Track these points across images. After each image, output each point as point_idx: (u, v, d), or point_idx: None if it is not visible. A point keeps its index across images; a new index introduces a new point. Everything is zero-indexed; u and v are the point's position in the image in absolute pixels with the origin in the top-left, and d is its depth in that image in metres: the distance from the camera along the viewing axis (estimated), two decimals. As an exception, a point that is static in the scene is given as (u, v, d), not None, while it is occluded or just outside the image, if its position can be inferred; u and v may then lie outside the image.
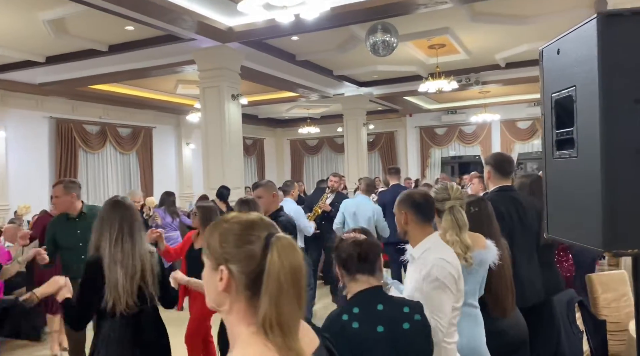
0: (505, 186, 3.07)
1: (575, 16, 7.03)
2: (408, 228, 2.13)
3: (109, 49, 7.66)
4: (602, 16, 1.13)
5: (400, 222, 2.14)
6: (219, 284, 1.02)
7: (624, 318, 3.14)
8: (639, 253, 1.15)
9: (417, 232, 2.10)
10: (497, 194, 3.01)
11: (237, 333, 1.01)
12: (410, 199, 2.12)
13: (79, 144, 10.91)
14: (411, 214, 2.09)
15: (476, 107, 13.75)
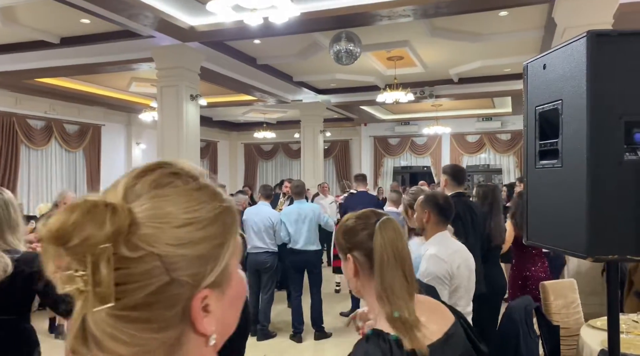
0: (460, 192, 3.50)
1: (526, 36, 7.42)
2: (427, 226, 2.37)
3: (60, 41, 7.33)
4: (591, 35, 1.21)
5: (422, 220, 2.37)
6: (350, 272, 1.27)
7: (572, 324, 3.32)
8: (619, 259, 1.23)
9: (433, 231, 2.34)
10: (454, 199, 3.10)
11: (374, 307, 1.21)
12: (434, 200, 2.37)
13: (21, 140, 10.33)
14: (434, 214, 2.34)
15: (428, 120, 14.16)
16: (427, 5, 5.65)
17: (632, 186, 1.18)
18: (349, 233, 1.32)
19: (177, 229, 0.55)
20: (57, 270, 0.52)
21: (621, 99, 1.21)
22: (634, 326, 2.70)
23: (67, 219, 0.51)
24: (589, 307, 3.84)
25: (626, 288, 3.63)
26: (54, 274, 0.52)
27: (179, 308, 0.55)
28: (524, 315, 2.70)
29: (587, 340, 2.66)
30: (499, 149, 14.46)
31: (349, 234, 1.32)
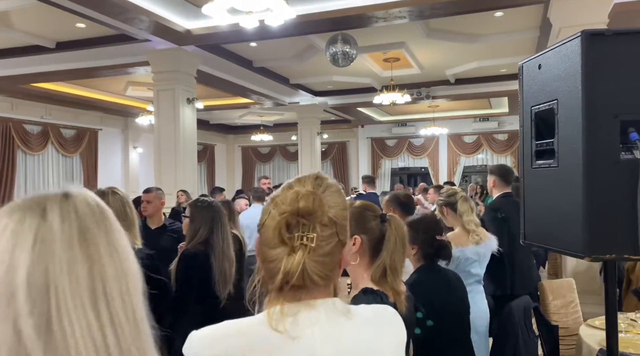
0: (508, 192, 3.67)
1: (521, 37, 7.44)
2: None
3: (56, 46, 7.32)
4: (586, 35, 1.21)
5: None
6: (353, 247, 1.55)
7: (571, 323, 3.31)
8: (616, 258, 1.23)
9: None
10: (502, 199, 3.63)
11: (360, 277, 1.61)
12: (393, 197, 2.87)
13: (18, 145, 10.30)
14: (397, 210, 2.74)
15: (425, 121, 14.17)
16: (423, 6, 5.66)
17: (628, 185, 1.18)
18: (362, 220, 1.66)
19: (341, 211, 0.97)
20: (285, 234, 0.90)
21: (616, 98, 1.21)
22: (632, 325, 2.70)
23: (303, 204, 0.91)
24: (587, 306, 3.84)
25: (624, 286, 3.64)
26: (281, 237, 0.91)
27: (339, 257, 0.96)
28: (523, 315, 2.70)
29: (586, 340, 2.65)
30: (496, 150, 14.48)
31: (361, 221, 1.65)
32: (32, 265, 0.55)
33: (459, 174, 14.90)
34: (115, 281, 0.59)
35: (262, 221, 0.95)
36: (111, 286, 0.58)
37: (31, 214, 0.60)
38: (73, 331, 0.54)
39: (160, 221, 3.75)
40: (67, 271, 0.56)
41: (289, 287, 0.90)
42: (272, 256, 0.92)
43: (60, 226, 0.58)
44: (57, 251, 0.57)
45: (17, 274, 0.55)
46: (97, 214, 0.63)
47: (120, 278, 0.60)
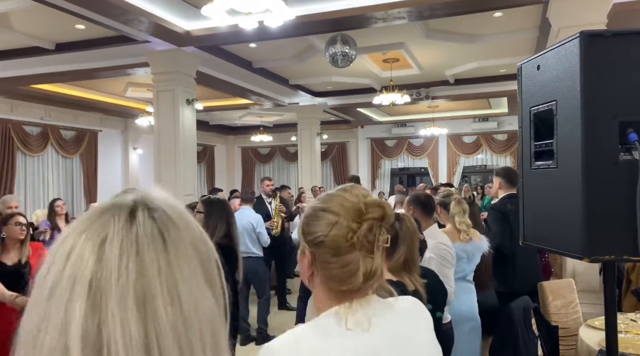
0: (512, 193, 3.79)
1: (520, 37, 7.44)
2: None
3: (55, 47, 7.32)
4: (584, 36, 1.21)
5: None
6: None
7: (571, 324, 3.31)
8: (615, 259, 1.22)
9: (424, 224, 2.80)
10: (505, 200, 3.79)
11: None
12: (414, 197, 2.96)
13: (18, 146, 10.30)
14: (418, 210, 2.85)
15: (425, 121, 14.18)
16: (422, 7, 5.66)
17: (627, 186, 1.18)
18: None
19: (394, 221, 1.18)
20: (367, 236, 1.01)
21: (615, 99, 1.20)
22: (632, 325, 2.70)
23: (387, 210, 1.04)
24: (588, 307, 3.84)
25: (624, 287, 3.63)
26: (360, 242, 1.01)
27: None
28: (523, 315, 2.70)
29: (586, 340, 2.65)
30: (496, 150, 14.48)
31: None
32: (88, 322, 0.47)
33: (458, 174, 14.90)
34: (176, 344, 0.49)
35: (326, 232, 1.00)
36: (168, 350, 0.48)
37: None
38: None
39: None
40: (122, 334, 0.47)
41: (364, 285, 1.00)
42: (346, 261, 0.99)
43: (117, 271, 0.49)
44: (113, 303, 0.48)
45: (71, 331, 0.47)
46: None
47: (182, 338, 0.49)
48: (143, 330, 0.47)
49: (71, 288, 0.47)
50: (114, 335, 0.46)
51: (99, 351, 0.45)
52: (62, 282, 0.48)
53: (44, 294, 0.49)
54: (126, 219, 0.51)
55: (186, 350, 0.49)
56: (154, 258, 0.50)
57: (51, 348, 0.45)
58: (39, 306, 0.48)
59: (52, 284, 0.49)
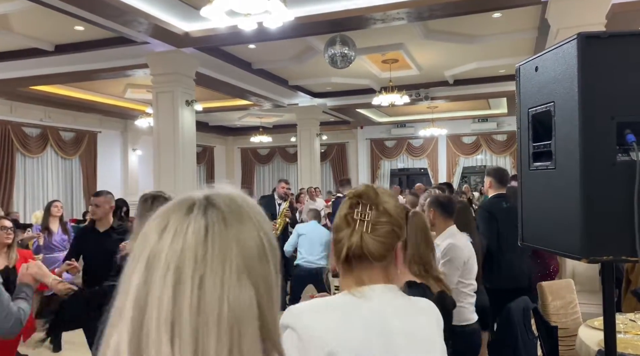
0: (501, 193, 3.97)
1: (519, 37, 7.45)
2: (435, 222, 2.91)
3: (55, 48, 7.32)
4: (582, 37, 1.21)
5: (429, 217, 2.88)
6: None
7: (571, 324, 3.32)
8: (614, 259, 1.23)
9: (442, 225, 2.89)
10: (493, 200, 3.98)
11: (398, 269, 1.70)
12: (434, 199, 2.98)
13: (17, 148, 10.30)
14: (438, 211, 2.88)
15: (424, 122, 14.19)
16: (421, 8, 5.66)
17: (625, 187, 1.19)
18: None
19: (394, 207, 1.21)
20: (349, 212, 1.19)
21: (613, 100, 1.21)
22: (631, 325, 2.70)
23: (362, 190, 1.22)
24: (587, 307, 3.85)
25: (624, 287, 3.63)
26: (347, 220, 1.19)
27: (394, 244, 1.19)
28: (522, 316, 2.70)
29: (585, 340, 2.65)
30: (495, 150, 14.48)
31: None
32: (141, 286, 0.59)
33: (458, 174, 14.91)
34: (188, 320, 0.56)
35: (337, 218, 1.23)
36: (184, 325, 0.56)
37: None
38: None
39: (108, 224, 3.83)
40: (156, 301, 0.57)
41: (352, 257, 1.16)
42: (339, 237, 1.18)
43: (167, 250, 0.60)
44: (158, 274, 0.58)
45: (130, 292, 0.59)
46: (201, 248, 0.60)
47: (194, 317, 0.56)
48: (172, 306, 0.56)
49: (136, 262, 0.60)
50: (153, 304, 0.57)
51: (143, 311, 0.57)
52: (135, 252, 0.61)
53: (126, 265, 0.62)
54: (184, 213, 0.62)
55: (201, 335, 0.56)
56: (193, 248, 0.59)
57: (120, 307, 0.59)
58: (123, 274, 0.62)
59: (131, 256, 0.62)
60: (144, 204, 2.47)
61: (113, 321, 0.59)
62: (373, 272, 1.16)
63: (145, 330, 0.56)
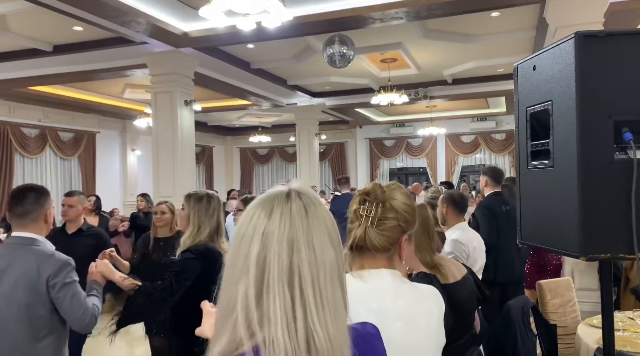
0: (498, 191, 4.19)
1: (518, 36, 7.46)
2: (447, 217, 3.15)
3: (53, 49, 7.32)
4: (579, 36, 1.22)
5: (442, 212, 3.12)
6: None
7: (570, 322, 3.33)
8: (611, 258, 1.23)
9: (453, 220, 3.16)
10: (492, 198, 4.16)
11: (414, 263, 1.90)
12: (448, 196, 3.23)
13: (16, 148, 10.30)
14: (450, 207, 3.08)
15: (423, 121, 14.20)
16: (420, 7, 5.67)
17: (622, 185, 1.19)
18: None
19: (404, 205, 1.33)
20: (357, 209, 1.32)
21: (610, 99, 1.21)
22: (630, 323, 2.71)
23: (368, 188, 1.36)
24: (586, 305, 3.85)
25: (622, 285, 3.64)
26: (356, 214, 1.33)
27: (398, 237, 1.31)
28: (521, 314, 2.71)
29: (584, 338, 2.66)
30: (494, 149, 14.49)
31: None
32: (260, 252, 0.81)
33: (457, 173, 14.92)
34: (309, 271, 0.80)
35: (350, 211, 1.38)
36: (305, 274, 0.80)
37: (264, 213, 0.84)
38: (274, 303, 0.78)
39: (78, 226, 3.67)
40: (277, 261, 0.80)
41: (356, 247, 1.29)
42: (350, 229, 1.33)
43: (278, 226, 0.82)
44: (274, 243, 0.81)
45: (251, 257, 0.81)
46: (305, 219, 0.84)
47: (313, 269, 0.80)
48: (289, 260, 0.79)
49: (252, 235, 0.82)
50: (273, 262, 0.79)
51: (263, 270, 0.80)
52: (248, 231, 0.83)
53: (237, 240, 0.84)
54: (285, 198, 0.85)
55: (315, 276, 0.80)
56: (299, 221, 0.82)
57: (242, 267, 0.81)
58: (234, 247, 0.84)
59: (242, 234, 0.83)
60: (200, 202, 2.69)
61: (238, 277, 0.81)
62: (375, 261, 1.30)
63: (266, 281, 0.79)
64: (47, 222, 2.32)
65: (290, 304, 0.78)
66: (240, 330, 0.80)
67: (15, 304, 2.10)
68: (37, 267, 2.13)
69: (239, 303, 0.80)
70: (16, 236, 2.23)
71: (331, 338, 0.79)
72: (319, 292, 0.80)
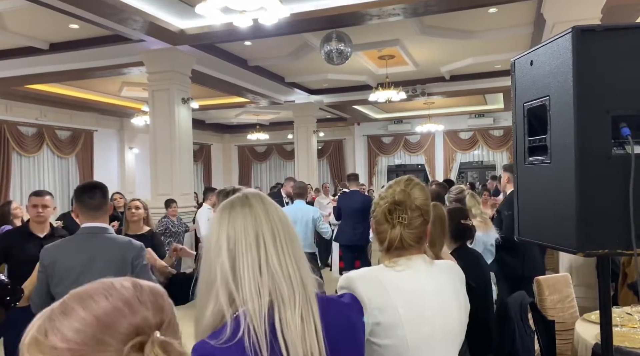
0: None
1: (515, 32, 7.45)
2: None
3: (50, 47, 7.29)
4: (576, 31, 1.21)
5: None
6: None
7: (568, 318, 3.33)
8: (609, 253, 1.23)
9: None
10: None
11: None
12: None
13: (13, 147, 10.26)
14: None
15: (421, 118, 14.19)
16: (417, 3, 5.65)
17: (620, 181, 1.19)
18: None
19: (424, 200, 1.50)
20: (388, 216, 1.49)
21: (607, 94, 1.21)
22: (628, 319, 2.71)
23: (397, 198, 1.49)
24: (584, 301, 3.85)
25: (620, 280, 3.64)
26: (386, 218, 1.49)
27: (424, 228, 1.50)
28: (519, 310, 2.71)
29: (582, 334, 2.67)
30: (492, 145, 14.50)
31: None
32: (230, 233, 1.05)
33: (455, 170, 14.93)
34: (270, 235, 1.06)
35: (374, 209, 1.54)
36: (267, 237, 1.05)
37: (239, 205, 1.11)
38: (245, 264, 1.01)
39: (47, 228, 3.47)
40: (243, 235, 1.05)
41: (393, 248, 1.47)
42: (381, 230, 1.49)
43: (241, 213, 1.09)
44: (238, 224, 1.06)
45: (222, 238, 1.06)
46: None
47: (275, 232, 1.07)
48: (254, 231, 1.07)
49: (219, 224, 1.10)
50: (240, 236, 1.07)
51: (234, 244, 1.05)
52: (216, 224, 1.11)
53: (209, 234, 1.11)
54: (243, 197, 1.13)
55: (277, 237, 1.08)
56: (258, 208, 1.10)
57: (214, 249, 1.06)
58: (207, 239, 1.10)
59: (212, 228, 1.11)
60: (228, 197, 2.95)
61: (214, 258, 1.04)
62: (408, 251, 1.48)
63: (237, 252, 1.04)
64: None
65: (257, 260, 1.01)
66: (221, 298, 0.97)
67: None
68: (121, 252, 2.37)
69: (218, 276, 0.99)
70: (89, 226, 2.40)
71: (290, 272, 1.04)
72: (280, 246, 1.05)
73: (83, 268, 2.28)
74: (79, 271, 2.27)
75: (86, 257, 2.30)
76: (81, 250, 2.33)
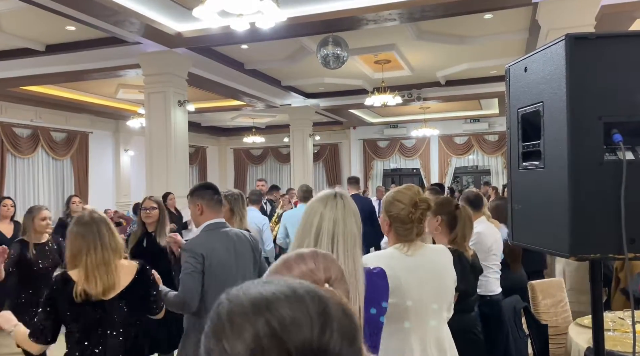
0: None
1: (511, 38, 7.51)
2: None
3: (46, 48, 7.28)
4: (570, 38, 1.23)
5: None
6: (436, 222, 2.60)
7: (561, 322, 3.35)
8: (601, 257, 1.25)
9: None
10: None
11: (441, 242, 2.53)
12: (465, 196, 3.60)
13: (7, 148, 10.22)
14: (468, 206, 3.17)
15: (416, 122, 14.24)
16: (413, 8, 5.69)
17: (612, 186, 1.20)
18: (443, 207, 2.61)
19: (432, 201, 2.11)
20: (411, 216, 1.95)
21: (600, 101, 1.23)
22: (620, 323, 2.73)
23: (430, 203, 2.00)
24: (577, 305, 3.88)
25: (613, 285, 3.67)
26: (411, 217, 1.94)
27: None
28: (513, 314, 2.73)
29: (575, 338, 2.68)
30: (487, 150, 14.56)
31: (442, 207, 2.60)
32: (318, 224, 1.54)
33: (450, 175, 14.97)
34: (342, 237, 1.50)
35: (398, 212, 1.90)
36: (339, 239, 1.50)
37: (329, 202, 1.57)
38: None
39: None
40: (326, 230, 1.51)
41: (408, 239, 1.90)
42: (407, 227, 1.90)
43: (329, 211, 1.55)
44: (325, 220, 1.54)
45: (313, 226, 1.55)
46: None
47: (346, 236, 1.51)
48: (332, 230, 1.52)
49: (314, 214, 1.56)
50: (324, 230, 1.52)
51: (319, 233, 1.53)
52: (312, 212, 1.57)
53: (305, 217, 1.58)
54: (332, 196, 1.58)
55: (344, 240, 1.51)
56: (340, 209, 1.55)
57: (307, 231, 1.55)
58: (304, 220, 1.58)
59: (308, 213, 1.58)
60: (237, 201, 3.35)
61: (304, 236, 1.52)
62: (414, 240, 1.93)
63: (319, 240, 1.48)
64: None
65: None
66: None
67: (255, 276, 2.55)
68: (250, 244, 2.69)
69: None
70: (217, 222, 2.60)
71: (349, 270, 1.40)
72: (345, 248, 1.48)
73: (232, 261, 2.52)
74: (230, 265, 2.52)
75: (232, 251, 2.54)
76: (224, 244, 2.53)
